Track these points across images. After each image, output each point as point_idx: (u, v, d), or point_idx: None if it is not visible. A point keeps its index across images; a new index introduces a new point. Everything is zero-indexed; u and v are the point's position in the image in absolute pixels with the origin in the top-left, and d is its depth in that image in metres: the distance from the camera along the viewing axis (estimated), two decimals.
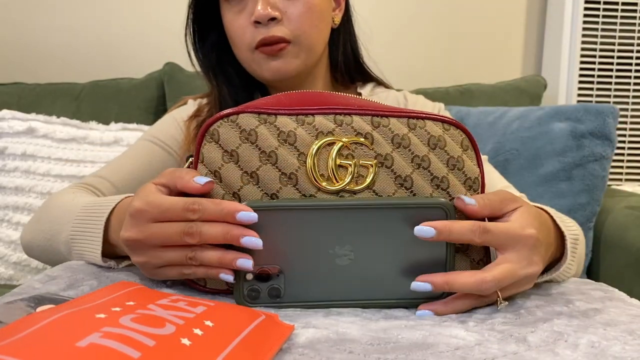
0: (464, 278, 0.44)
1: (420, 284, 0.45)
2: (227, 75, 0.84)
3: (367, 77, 0.90)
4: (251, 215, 0.44)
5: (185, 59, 0.86)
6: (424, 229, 0.44)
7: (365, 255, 0.46)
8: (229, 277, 0.45)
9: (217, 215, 0.44)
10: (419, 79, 1.64)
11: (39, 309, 0.38)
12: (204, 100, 0.87)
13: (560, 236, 0.54)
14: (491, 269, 0.44)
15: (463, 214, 0.47)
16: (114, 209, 0.57)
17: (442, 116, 0.50)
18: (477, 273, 0.44)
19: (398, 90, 0.92)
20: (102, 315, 0.30)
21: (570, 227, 0.57)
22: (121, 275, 0.54)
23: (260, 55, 0.76)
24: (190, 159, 0.52)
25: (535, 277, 0.47)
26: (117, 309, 0.32)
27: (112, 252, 0.57)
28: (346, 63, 0.86)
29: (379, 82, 0.91)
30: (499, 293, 0.45)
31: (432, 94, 1.46)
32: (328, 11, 0.80)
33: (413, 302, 0.47)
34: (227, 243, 0.45)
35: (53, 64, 1.67)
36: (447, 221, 0.45)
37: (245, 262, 0.44)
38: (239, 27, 0.76)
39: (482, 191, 0.50)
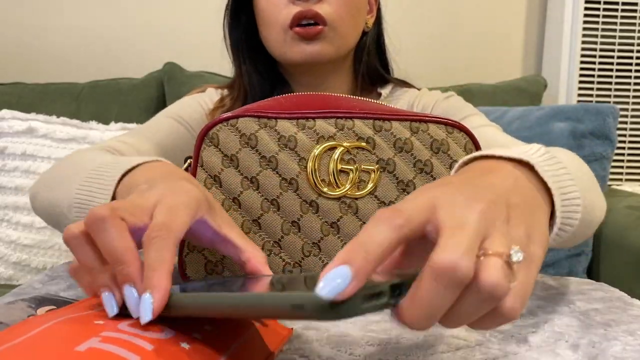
0: None
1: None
2: (254, 63, 0.82)
3: (387, 80, 0.88)
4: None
5: (185, 59, 0.86)
6: None
7: None
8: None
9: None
10: (419, 79, 1.63)
11: (39, 310, 0.38)
12: (225, 91, 0.85)
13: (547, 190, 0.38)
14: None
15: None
16: (135, 167, 0.48)
17: (445, 119, 0.49)
18: None
19: (419, 89, 0.89)
20: (101, 322, 0.30)
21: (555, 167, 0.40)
22: None
23: (294, 37, 0.73)
24: (189, 161, 0.52)
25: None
26: None
27: None
28: (369, 70, 0.84)
29: (398, 82, 0.89)
30: None
31: None
32: (365, 8, 0.80)
33: None
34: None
35: (53, 64, 1.67)
36: None
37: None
38: (275, 4, 0.74)
39: None
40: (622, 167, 1.79)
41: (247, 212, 0.48)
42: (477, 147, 0.50)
